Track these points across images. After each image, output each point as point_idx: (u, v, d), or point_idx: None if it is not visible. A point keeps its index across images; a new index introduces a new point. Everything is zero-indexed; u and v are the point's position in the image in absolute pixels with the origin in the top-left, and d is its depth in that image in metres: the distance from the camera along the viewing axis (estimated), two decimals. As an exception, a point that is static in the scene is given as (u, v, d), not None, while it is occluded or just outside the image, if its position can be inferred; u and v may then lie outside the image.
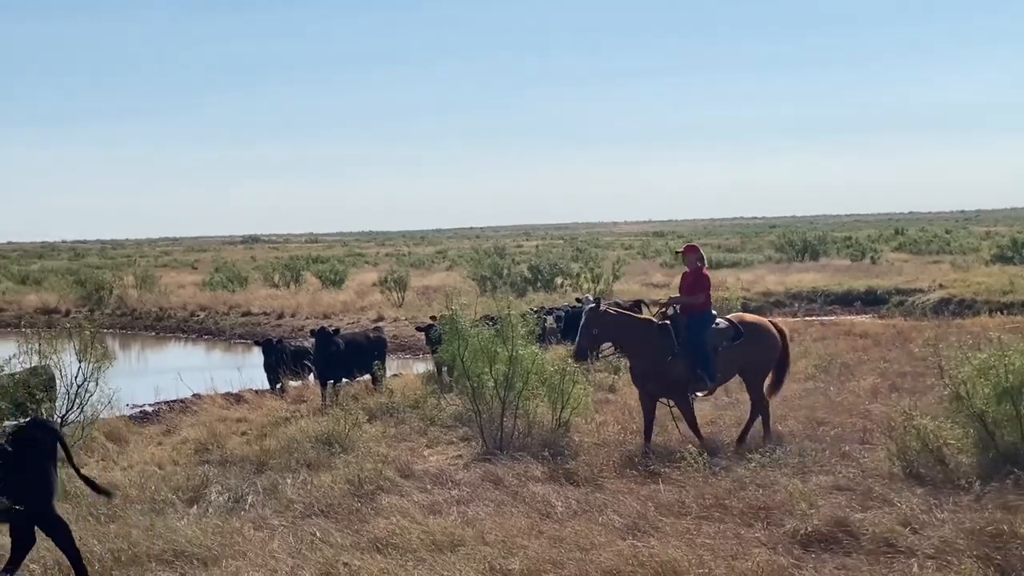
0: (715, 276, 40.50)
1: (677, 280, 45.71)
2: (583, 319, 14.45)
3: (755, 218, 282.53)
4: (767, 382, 14.81)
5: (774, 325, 15.01)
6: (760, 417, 14.49)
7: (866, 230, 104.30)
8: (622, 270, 47.37)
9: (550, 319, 24.45)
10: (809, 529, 10.02)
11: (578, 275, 44.63)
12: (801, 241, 64.52)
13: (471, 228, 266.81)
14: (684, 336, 14.17)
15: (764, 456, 12.69)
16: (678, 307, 14.51)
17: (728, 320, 14.64)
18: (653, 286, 44.08)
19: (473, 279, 46.01)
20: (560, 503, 11.26)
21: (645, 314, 24.51)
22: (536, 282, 43.23)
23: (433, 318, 22.14)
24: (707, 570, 8.88)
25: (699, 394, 14.76)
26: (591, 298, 14.35)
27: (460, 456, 14.43)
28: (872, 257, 57.30)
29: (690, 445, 13.52)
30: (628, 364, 15.43)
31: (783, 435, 14.15)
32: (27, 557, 10.03)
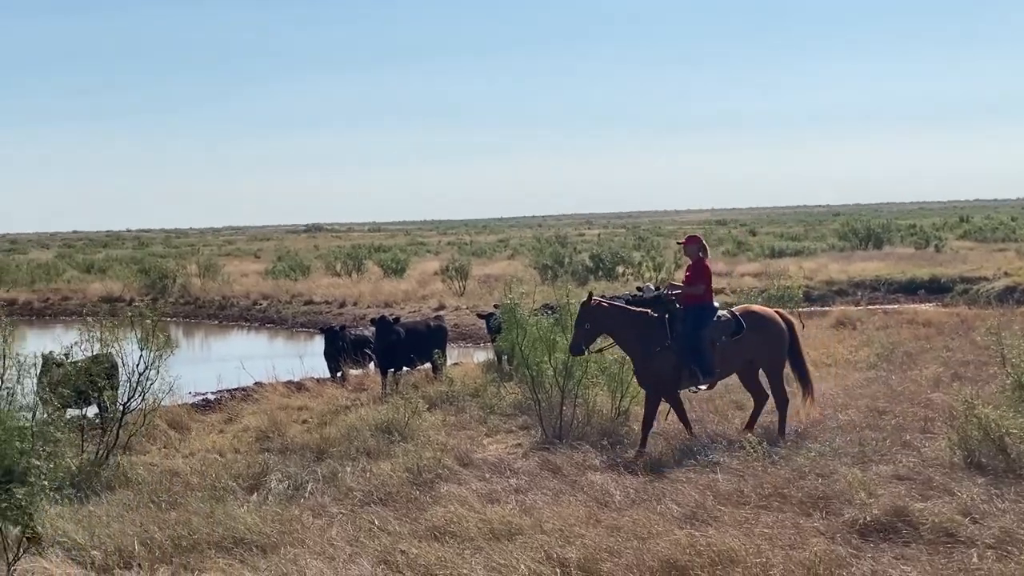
0: (777, 265, 40.54)
1: (738, 269, 45.55)
2: (579, 312, 14.26)
3: (818, 206, 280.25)
4: (797, 384, 14.63)
5: (782, 317, 14.69)
6: (778, 410, 14.26)
7: (931, 218, 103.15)
8: (684, 259, 47.10)
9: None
10: (868, 519, 9.92)
11: (640, 264, 44.46)
12: (865, 229, 63.80)
13: (533, 217, 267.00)
14: (680, 329, 13.91)
15: (823, 445, 12.58)
16: (678, 298, 14.21)
17: (731, 313, 14.32)
18: (716, 275, 43.70)
19: (534, 268, 45.98)
20: (618, 492, 11.22)
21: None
22: (597, 271, 43.13)
23: (495, 306, 22.15)
24: (765, 559, 8.81)
25: (700, 388, 14.55)
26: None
27: (519, 445, 14.43)
28: (936, 245, 56.61)
29: (749, 435, 13.43)
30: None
31: (843, 424, 13.99)
32: (90, 543, 10.16)
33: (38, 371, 13.92)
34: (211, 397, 22.10)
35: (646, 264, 43.62)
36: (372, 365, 21.55)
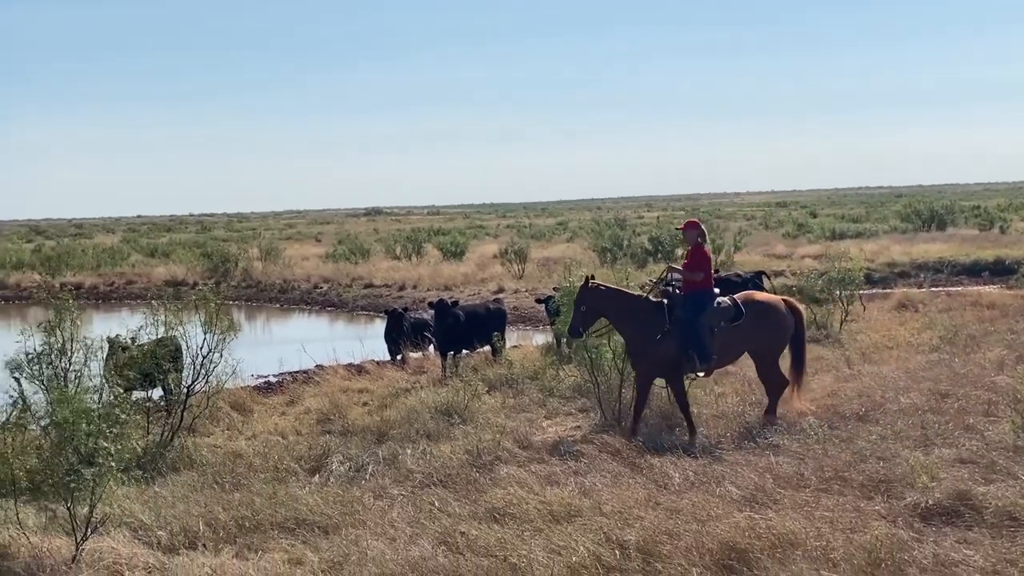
0: (838, 247, 40.17)
1: (798, 251, 45.24)
2: (576, 295, 14.23)
3: (880, 187, 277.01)
4: (788, 368, 14.37)
5: (788, 305, 14.49)
6: (772, 397, 14.12)
7: (995, 199, 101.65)
8: (743, 241, 46.87)
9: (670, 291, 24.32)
10: (930, 502, 9.86)
11: (699, 246, 44.23)
12: (928, 210, 63.00)
13: (592, 199, 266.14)
14: (678, 315, 13.80)
15: (884, 428, 12.51)
16: (678, 284, 14.09)
17: (731, 299, 14.15)
18: (775, 257, 43.62)
19: (593, 250, 45.89)
20: (677, 474, 11.22)
21: (767, 285, 24.42)
22: (657, 253, 42.94)
23: (555, 289, 22.16)
24: (825, 543, 8.78)
25: (699, 374, 14.39)
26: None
27: (578, 427, 14.45)
28: (1001, 227, 55.81)
29: (811, 417, 13.38)
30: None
31: (905, 407, 13.85)
32: (156, 523, 10.32)
33: (104, 354, 14.16)
34: (273, 380, 22.29)
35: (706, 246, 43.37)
36: (432, 348, 21.64)
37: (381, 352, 23.01)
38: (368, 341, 25.38)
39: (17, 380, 13.51)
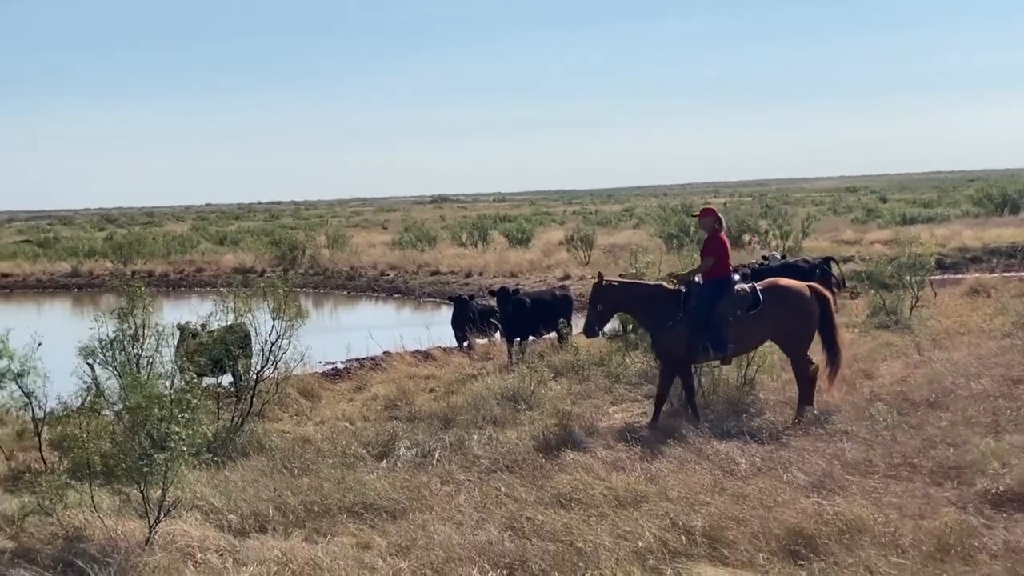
0: (908, 232, 39.76)
1: (868, 237, 44.75)
2: (590, 294, 14.22)
3: (952, 171, 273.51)
4: (824, 361, 14.00)
5: (814, 291, 14.11)
6: (803, 388, 13.71)
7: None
8: (812, 227, 46.40)
9: (736, 276, 24.23)
10: (1001, 489, 9.76)
11: (766, 232, 43.96)
12: (1000, 194, 62.03)
13: (658, 186, 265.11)
14: (693, 303, 13.67)
15: (954, 415, 12.39)
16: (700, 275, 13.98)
17: (750, 286, 13.89)
18: (844, 243, 43.20)
19: (659, 237, 45.73)
20: (744, 460, 11.19)
21: (835, 271, 24.23)
22: (724, 239, 42.69)
23: (621, 275, 22.11)
24: (894, 529, 8.74)
25: (719, 363, 14.28)
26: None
27: (644, 413, 14.41)
28: (1076, 210, 54.96)
29: (880, 403, 13.27)
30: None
31: (976, 393, 13.69)
32: (226, 507, 10.47)
33: (175, 341, 14.37)
34: (340, 366, 22.43)
35: (772, 232, 43.08)
36: (498, 334, 21.71)
37: (447, 339, 23.11)
38: (434, 328, 25.48)
39: (91, 366, 13.77)
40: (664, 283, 14.37)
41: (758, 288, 13.87)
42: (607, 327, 16.58)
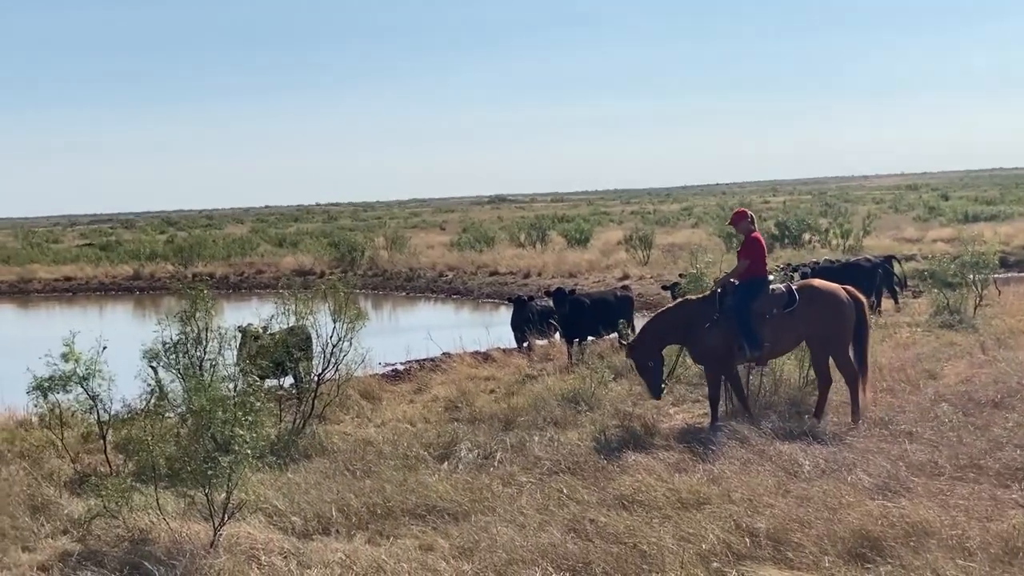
0: (971, 230, 39.35)
1: (929, 235, 44.37)
2: (635, 361, 14.28)
3: (1015, 168, 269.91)
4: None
5: (850, 294, 13.89)
6: (850, 390, 13.54)
7: None
8: (873, 225, 45.97)
9: (796, 276, 24.11)
10: (1070, 491, 9.62)
11: (827, 231, 43.64)
12: (1065, 191, 61.31)
13: (716, 184, 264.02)
14: (728, 302, 13.66)
15: (1021, 416, 12.23)
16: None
17: (785, 286, 13.87)
18: (905, 240, 42.84)
19: (719, 236, 45.52)
20: (807, 462, 11.09)
21: (897, 270, 24.01)
22: (783, 238, 42.48)
23: (680, 276, 22.03)
24: (960, 531, 8.64)
25: (753, 364, 14.22)
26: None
27: (705, 414, 14.34)
28: None
29: (945, 403, 13.14)
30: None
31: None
32: (290, 509, 10.54)
33: (237, 343, 14.47)
34: (400, 368, 22.47)
35: (833, 231, 42.76)
36: (558, 335, 21.69)
37: (507, 339, 23.13)
38: (494, 328, 25.51)
39: (154, 369, 13.91)
40: (689, 297, 14.32)
41: (793, 288, 13.85)
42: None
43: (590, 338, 20.97)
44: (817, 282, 14.57)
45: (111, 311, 42.26)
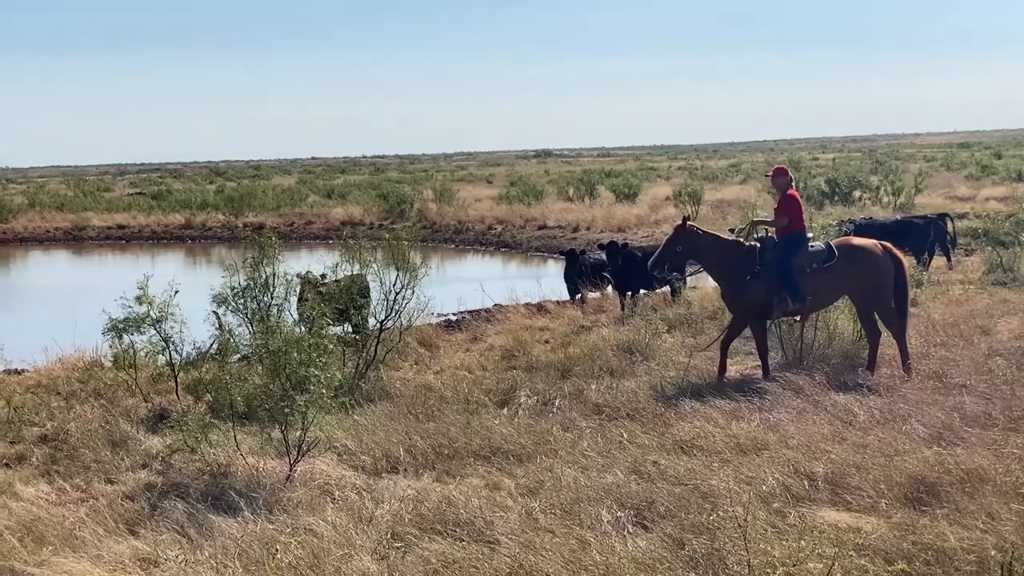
0: (1024, 188, 39.03)
1: (982, 193, 44.05)
2: (670, 233, 14.51)
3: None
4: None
5: (887, 250, 14.17)
6: (900, 343, 13.84)
7: None
8: (924, 183, 45.75)
9: (810, 234, 24.21)
10: (1122, 440, 9.80)
11: (878, 188, 43.49)
12: (1119, 150, 60.63)
13: (763, 141, 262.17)
14: (769, 256, 13.93)
15: None
16: (770, 230, 14.30)
17: (825, 243, 14.24)
18: (958, 199, 42.65)
19: (768, 193, 45.45)
20: (862, 412, 11.31)
21: (950, 228, 24.07)
22: (833, 195, 42.40)
23: (731, 231, 22.15)
24: (1015, 479, 8.83)
25: (795, 319, 14.49)
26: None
27: (758, 366, 14.58)
28: None
29: (998, 358, 13.31)
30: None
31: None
32: (359, 448, 10.91)
33: (298, 291, 14.86)
34: (453, 318, 22.77)
35: (884, 188, 42.62)
36: (610, 288, 21.93)
37: (558, 292, 23.40)
38: (544, 280, 25.76)
39: (216, 315, 14.32)
40: (740, 240, 14.56)
41: (832, 244, 14.18)
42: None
43: (642, 291, 21.20)
44: (856, 240, 14.85)
45: (165, 258, 42.76)
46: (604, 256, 21.81)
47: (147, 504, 9.53)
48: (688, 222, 14.61)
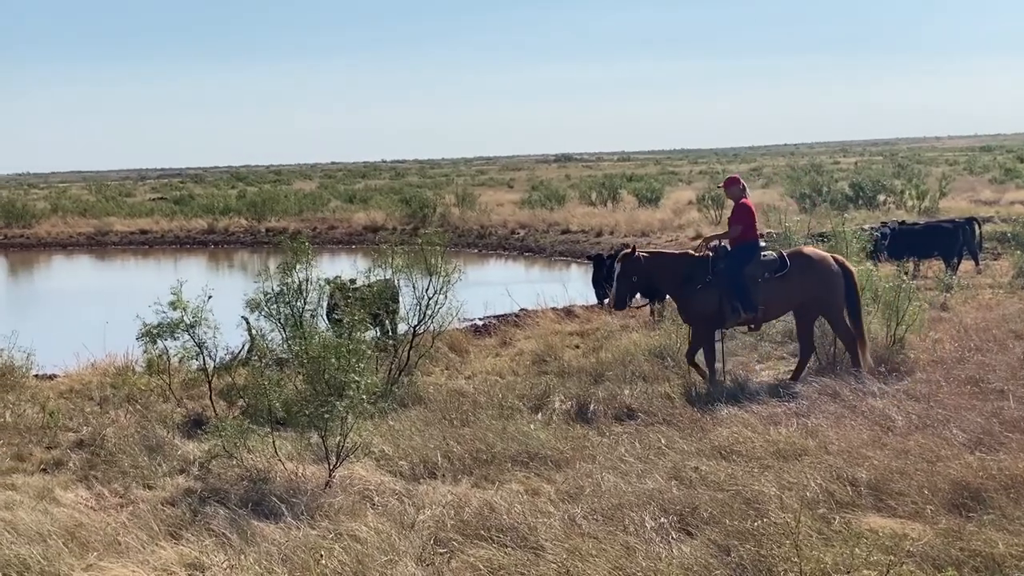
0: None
1: (1006, 197, 43.88)
2: (619, 268, 14.37)
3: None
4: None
5: (838, 262, 14.25)
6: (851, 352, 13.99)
7: None
8: (948, 187, 45.56)
9: (763, 243, 24.20)
10: None
11: (902, 192, 43.33)
12: None
13: (784, 145, 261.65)
14: (721, 266, 13.92)
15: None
16: (724, 241, 14.32)
17: (777, 252, 14.25)
18: (982, 203, 42.47)
19: (791, 196, 45.37)
20: (900, 417, 11.26)
21: (978, 233, 23.98)
22: (857, 199, 42.28)
23: (759, 235, 22.10)
24: (1061, 484, 8.80)
25: (749, 328, 14.59)
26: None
27: (791, 371, 14.54)
28: None
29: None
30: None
31: None
32: (396, 454, 10.91)
33: (328, 297, 14.85)
34: (479, 323, 22.73)
35: (909, 192, 42.46)
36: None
37: (585, 296, 23.38)
38: (570, 285, 25.74)
39: (246, 320, 14.34)
40: (690, 251, 14.56)
41: (784, 254, 14.21)
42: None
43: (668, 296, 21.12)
44: (808, 250, 14.89)
45: (188, 263, 42.89)
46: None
47: (188, 509, 9.53)
48: (629, 250, 14.59)
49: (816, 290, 14.03)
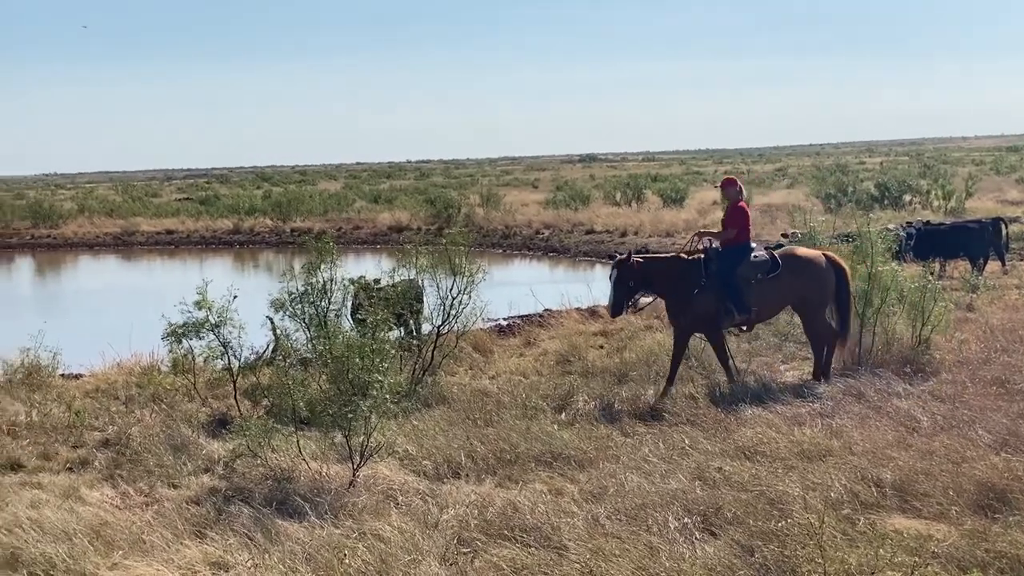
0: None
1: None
2: (615, 274, 14.25)
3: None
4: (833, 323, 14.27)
5: (830, 260, 14.25)
6: (825, 352, 14.06)
7: None
8: (975, 187, 45.32)
9: (754, 244, 24.08)
10: None
11: (928, 192, 43.15)
12: None
13: (809, 145, 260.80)
14: (714, 268, 13.91)
15: None
16: (715, 241, 14.27)
17: (768, 253, 14.24)
18: (1009, 203, 42.26)
19: (816, 197, 45.25)
20: (925, 418, 11.23)
21: (1004, 233, 23.88)
22: (883, 199, 42.14)
23: (783, 235, 22.07)
24: (1088, 486, 8.75)
25: (741, 329, 14.58)
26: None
27: (811, 371, 14.49)
28: None
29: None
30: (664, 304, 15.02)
31: None
32: (420, 454, 10.92)
33: (352, 296, 14.89)
34: (503, 323, 22.72)
35: (935, 192, 42.28)
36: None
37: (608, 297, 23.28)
38: (595, 285, 25.68)
39: (271, 320, 14.39)
40: (681, 255, 14.56)
41: (776, 255, 14.23)
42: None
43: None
44: (800, 250, 14.91)
45: (214, 263, 43.05)
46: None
47: (212, 508, 9.56)
48: (624, 256, 14.51)
49: (807, 289, 14.11)
